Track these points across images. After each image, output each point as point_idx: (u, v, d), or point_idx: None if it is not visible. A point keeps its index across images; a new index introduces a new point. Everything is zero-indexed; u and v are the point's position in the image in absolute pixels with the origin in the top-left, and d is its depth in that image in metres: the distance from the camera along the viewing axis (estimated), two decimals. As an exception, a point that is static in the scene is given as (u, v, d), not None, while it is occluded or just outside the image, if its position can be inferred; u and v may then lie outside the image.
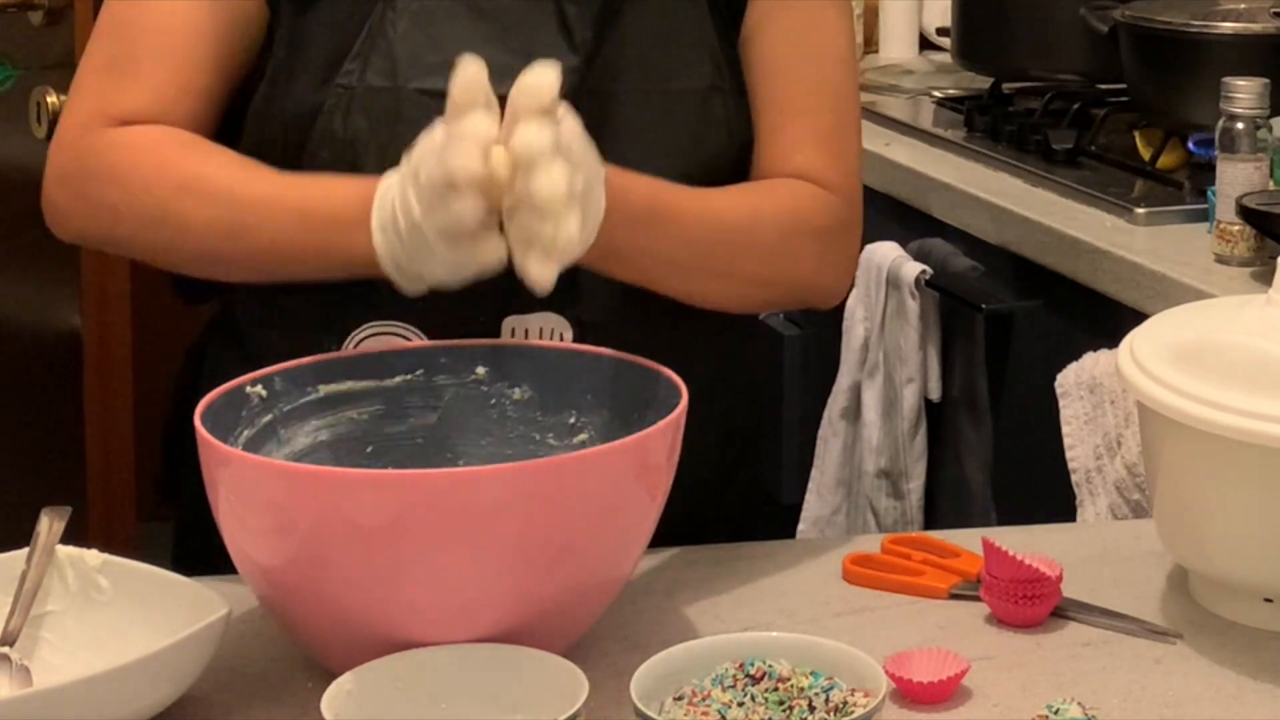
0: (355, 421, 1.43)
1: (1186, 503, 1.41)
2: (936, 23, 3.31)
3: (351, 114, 1.49)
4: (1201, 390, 1.35)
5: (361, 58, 1.50)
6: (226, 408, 1.35)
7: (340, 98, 1.50)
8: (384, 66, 1.50)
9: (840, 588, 1.48)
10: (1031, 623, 1.41)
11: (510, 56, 1.48)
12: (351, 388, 1.42)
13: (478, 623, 1.26)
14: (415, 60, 1.50)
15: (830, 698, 1.23)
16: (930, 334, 2.57)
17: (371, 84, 1.50)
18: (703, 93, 1.55)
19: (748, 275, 1.54)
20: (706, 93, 1.55)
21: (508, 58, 1.48)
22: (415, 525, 1.23)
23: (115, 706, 1.22)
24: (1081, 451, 2.19)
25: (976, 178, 2.59)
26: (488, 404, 1.45)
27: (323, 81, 1.50)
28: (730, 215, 1.52)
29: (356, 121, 1.49)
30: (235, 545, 1.31)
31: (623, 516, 1.31)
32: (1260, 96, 2.20)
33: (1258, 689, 1.33)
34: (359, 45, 1.50)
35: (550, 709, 1.20)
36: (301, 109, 1.51)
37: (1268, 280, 1.57)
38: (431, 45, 1.50)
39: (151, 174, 1.47)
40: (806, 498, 2.74)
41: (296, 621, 1.31)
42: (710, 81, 1.55)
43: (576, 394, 1.44)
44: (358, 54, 1.50)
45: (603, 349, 1.45)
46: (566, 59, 1.48)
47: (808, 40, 1.59)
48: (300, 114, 1.51)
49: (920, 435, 2.59)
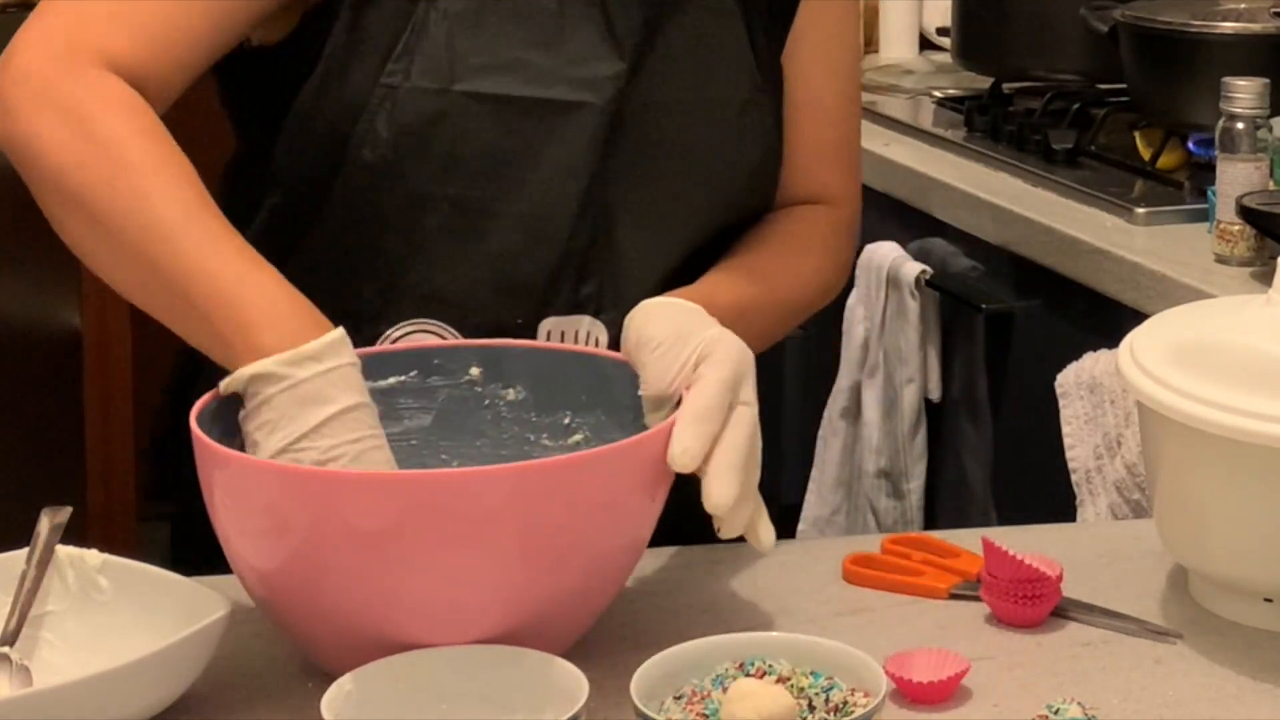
0: None
1: (1186, 503, 1.41)
2: (936, 23, 3.31)
3: (395, 114, 1.47)
4: (1201, 390, 1.35)
5: (406, 57, 1.48)
6: (222, 410, 1.34)
7: (384, 97, 1.47)
8: (429, 67, 1.48)
9: (840, 588, 1.48)
10: (1031, 623, 1.41)
11: (557, 62, 1.48)
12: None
13: (476, 624, 1.26)
14: (460, 62, 1.48)
15: (830, 698, 1.22)
16: (930, 334, 2.57)
17: (417, 85, 1.47)
18: (740, 104, 1.56)
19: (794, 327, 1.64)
20: (744, 104, 1.56)
21: (554, 62, 1.48)
22: (414, 527, 1.23)
23: (115, 706, 1.22)
24: (1081, 451, 2.19)
25: (976, 178, 2.59)
26: (482, 405, 1.45)
27: (373, 75, 1.47)
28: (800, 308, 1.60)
29: (400, 121, 1.47)
30: (232, 548, 1.30)
31: (622, 518, 1.31)
32: (1260, 96, 2.20)
33: (1258, 689, 1.33)
34: (403, 45, 1.48)
35: (550, 709, 1.20)
36: (353, 104, 1.48)
37: (1268, 280, 1.57)
38: (477, 47, 1.48)
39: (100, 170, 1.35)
40: (806, 498, 2.74)
41: (294, 624, 1.31)
42: (748, 94, 1.56)
43: (571, 395, 1.44)
44: (402, 54, 1.48)
45: (597, 350, 1.45)
46: (613, 66, 1.49)
47: (841, 47, 1.64)
48: (351, 110, 1.48)
49: (920, 435, 2.59)
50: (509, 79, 1.48)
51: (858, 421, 2.66)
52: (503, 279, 1.50)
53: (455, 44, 1.48)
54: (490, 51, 1.48)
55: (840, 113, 1.65)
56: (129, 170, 1.35)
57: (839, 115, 1.65)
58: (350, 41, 1.48)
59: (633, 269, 1.53)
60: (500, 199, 1.49)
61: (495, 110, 1.47)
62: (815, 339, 2.82)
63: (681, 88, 1.53)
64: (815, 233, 1.62)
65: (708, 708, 1.22)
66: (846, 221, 1.65)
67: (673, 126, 1.53)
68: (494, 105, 1.47)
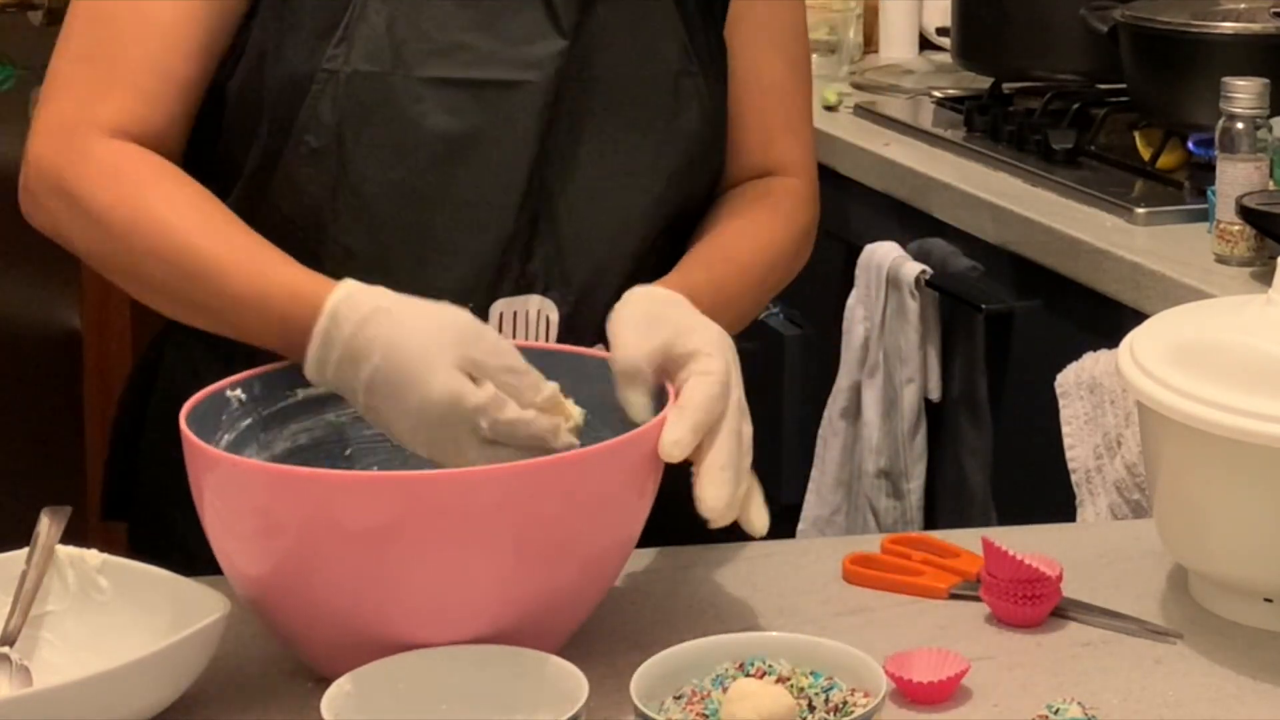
0: (334, 424, 1.43)
1: (1186, 503, 1.41)
2: (936, 23, 3.31)
3: (339, 99, 1.49)
4: (1201, 390, 1.35)
5: (346, 41, 1.49)
6: (208, 412, 1.34)
7: (326, 82, 1.49)
8: (369, 52, 1.49)
9: (840, 588, 1.48)
10: (1031, 623, 1.41)
11: (497, 43, 1.49)
12: (330, 390, 1.42)
13: (469, 623, 1.26)
14: (402, 47, 1.49)
15: (830, 698, 1.23)
16: (930, 334, 2.57)
17: (359, 69, 1.49)
18: (674, 76, 1.57)
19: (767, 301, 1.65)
20: (678, 76, 1.57)
21: (495, 44, 1.49)
22: (406, 527, 1.23)
23: (115, 706, 1.22)
24: (1081, 451, 2.19)
25: (976, 178, 2.59)
26: None
27: (310, 56, 1.49)
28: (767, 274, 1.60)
29: (343, 106, 1.49)
30: (222, 551, 1.30)
31: (614, 516, 1.31)
32: (1260, 96, 2.20)
33: (1258, 689, 1.33)
34: (342, 29, 1.49)
35: (550, 709, 1.20)
36: (288, 87, 1.49)
37: (1268, 280, 1.57)
38: (418, 32, 1.50)
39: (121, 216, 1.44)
40: (806, 498, 2.74)
41: (286, 626, 1.31)
42: (680, 66, 1.57)
43: None
44: (342, 37, 1.49)
45: (584, 348, 1.45)
46: (554, 44, 1.51)
47: (781, 25, 1.65)
48: (287, 93, 1.50)
49: (920, 435, 2.59)
50: (450, 62, 1.50)
51: (858, 421, 2.66)
52: (452, 261, 1.51)
53: (395, 29, 1.50)
54: (431, 36, 1.50)
55: (789, 86, 1.66)
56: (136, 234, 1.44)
57: (789, 88, 1.66)
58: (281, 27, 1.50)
59: (577, 244, 1.54)
60: (446, 181, 1.50)
61: (438, 94, 1.48)
62: (815, 339, 2.82)
63: (617, 62, 1.55)
64: (777, 206, 1.63)
65: (708, 708, 1.22)
66: (804, 193, 1.65)
67: (610, 101, 1.55)
68: (437, 89, 1.49)
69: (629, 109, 1.55)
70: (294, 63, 1.49)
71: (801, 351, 2.84)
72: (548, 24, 1.52)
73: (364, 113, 1.49)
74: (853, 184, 2.79)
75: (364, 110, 1.49)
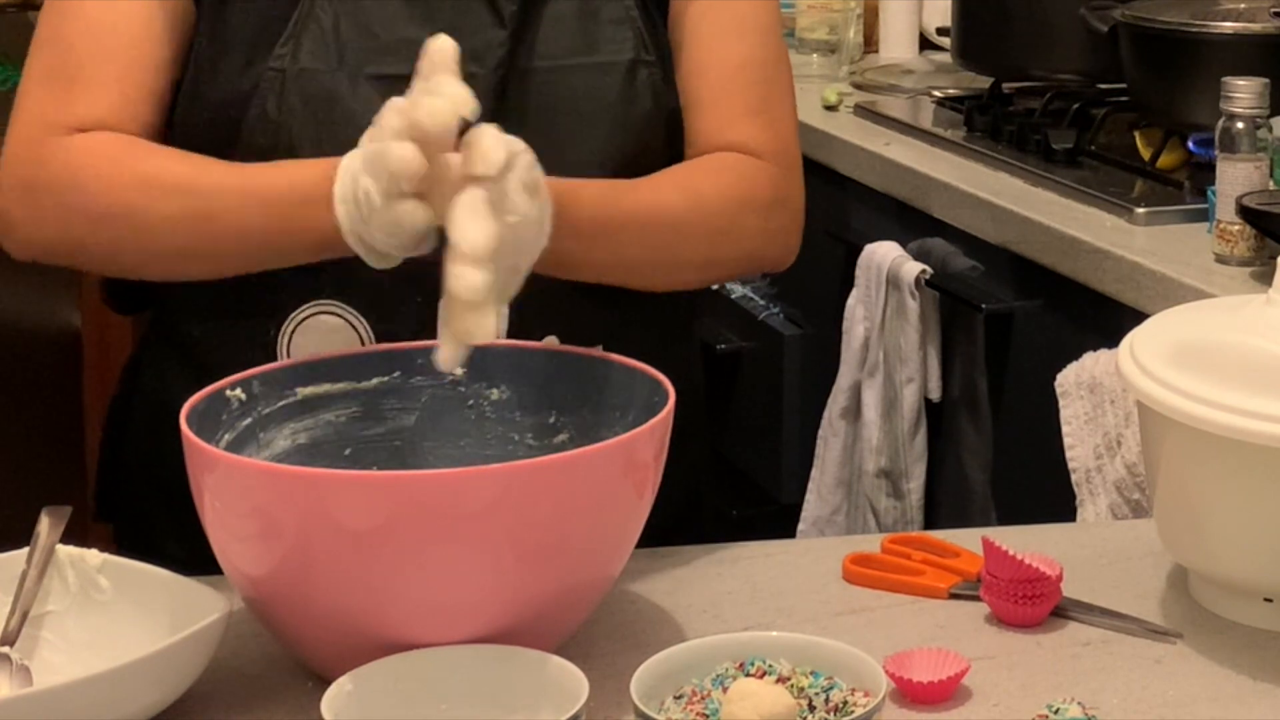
0: (333, 424, 1.43)
1: (1186, 503, 1.41)
2: (936, 23, 3.31)
3: (285, 96, 1.51)
4: (1201, 390, 1.35)
5: (293, 41, 1.52)
6: (207, 412, 1.35)
7: (273, 81, 1.51)
8: (316, 49, 1.52)
9: (840, 588, 1.48)
10: (1031, 623, 1.41)
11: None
12: (329, 390, 1.42)
13: (467, 623, 1.26)
14: (348, 43, 1.52)
15: (830, 698, 1.23)
16: (930, 334, 2.57)
17: (305, 66, 1.51)
18: (627, 65, 1.57)
19: (698, 261, 1.57)
20: (631, 65, 1.58)
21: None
22: (405, 527, 1.23)
23: (115, 706, 1.22)
24: (1081, 451, 2.19)
25: (976, 178, 2.59)
26: (465, 405, 1.45)
27: (247, 65, 1.52)
28: (676, 208, 1.54)
29: (290, 103, 1.51)
30: (222, 551, 1.30)
31: (612, 516, 1.31)
32: (1260, 96, 2.20)
33: (1257, 689, 1.33)
34: (290, 29, 1.52)
35: (550, 709, 1.20)
36: (228, 97, 1.52)
37: (1268, 280, 1.57)
38: (363, 28, 1.52)
39: (107, 173, 1.47)
40: (806, 498, 2.74)
41: (286, 626, 1.31)
42: (635, 55, 1.58)
43: (555, 394, 1.44)
44: (289, 38, 1.52)
45: (581, 349, 1.45)
46: (496, 35, 1.53)
47: (733, 14, 1.63)
48: (227, 102, 1.52)
49: (920, 435, 2.59)
50: (395, 59, 1.51)
51: (858, 421, 2.66)
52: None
53: (341, 28, 1.52)
54: (376, 34, 1.52)
55: (752, 72, 1.62)
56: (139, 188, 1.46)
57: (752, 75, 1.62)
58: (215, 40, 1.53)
59: None
60: None
61: (385, 91, 1.48)
62: (815, 339, 2.82)
63: (565, 52, 1.56)
64: (703, 165, 1.59)
65: (708, 708, 1.22)
66: (768, 170, 1.61)
67: (557, 90, 1.55)
68: (383, 86, 1.49)
69: (581, 100, 1.56)
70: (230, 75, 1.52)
71: (801, 351, 2.84)
72: (488, 16, 1.54)
73: (310, 107, 1.51)
74: (853, 184, 2.79)
75: (310, 106, 1.51)
